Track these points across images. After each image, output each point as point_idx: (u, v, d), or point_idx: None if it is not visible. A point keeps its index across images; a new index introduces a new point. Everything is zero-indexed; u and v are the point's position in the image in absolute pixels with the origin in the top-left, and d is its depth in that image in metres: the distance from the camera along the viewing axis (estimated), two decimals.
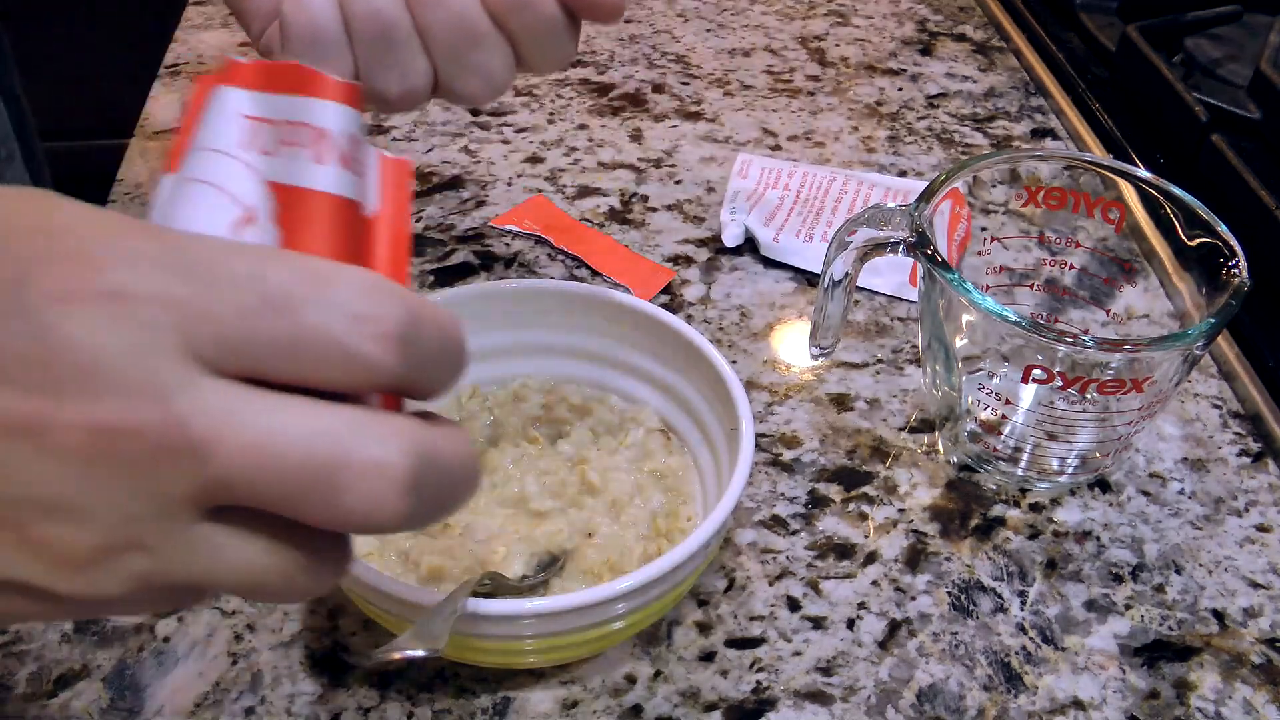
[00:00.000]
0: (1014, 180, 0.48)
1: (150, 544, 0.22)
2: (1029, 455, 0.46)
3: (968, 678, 0.40)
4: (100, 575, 0.22)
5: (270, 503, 0.22)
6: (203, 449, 0.21)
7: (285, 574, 0.23)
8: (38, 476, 0.21)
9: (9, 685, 0.38)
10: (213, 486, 0.22)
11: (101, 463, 0.21)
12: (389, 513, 0.23)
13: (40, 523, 0.21)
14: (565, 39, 0.38)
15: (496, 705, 0.39)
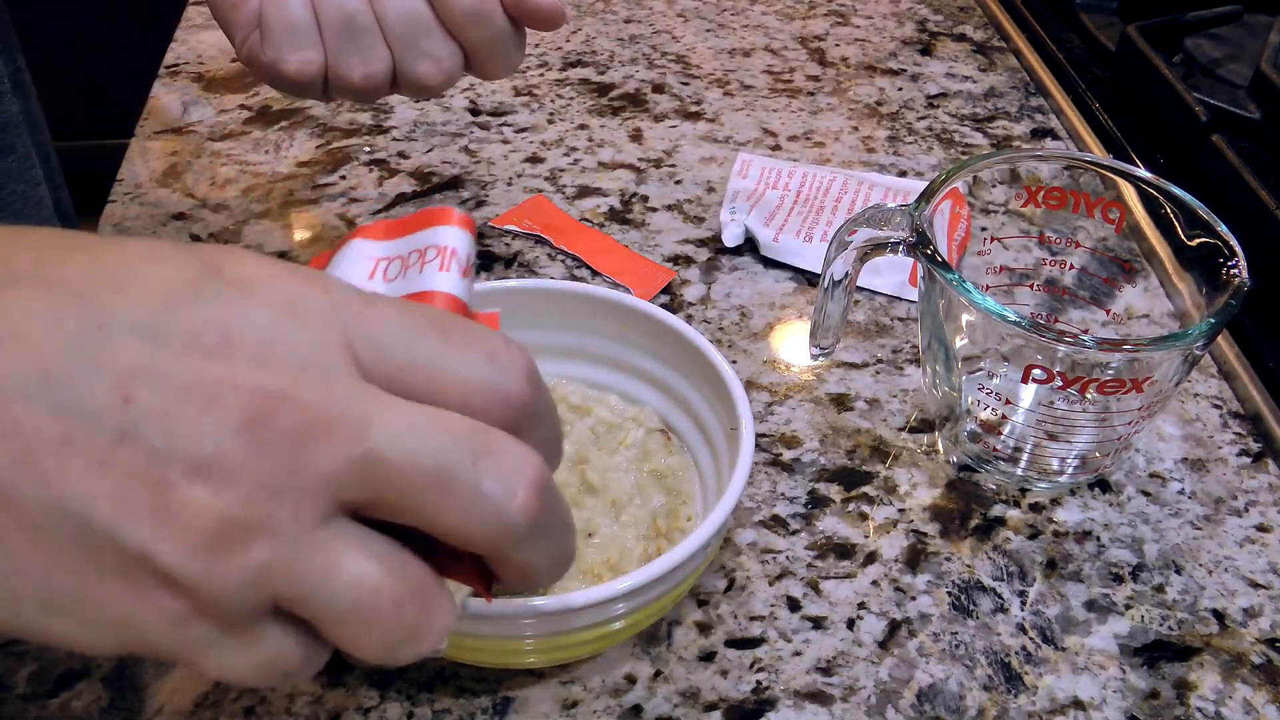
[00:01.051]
0: (1014, 180, 0.48)
1: (280, 529, 0.22)
2: (1029, 455, 0.46)
3: (968, 678, 0.40)
4: (223, 558, 0.22)
5: (413, 488, 0.23)
6: (359, 426, 0.22)
7: (396, 600, 0.23)
8: (195, 433, 0.22)
9: (9, 685, 0.38)
10: (360, 468, 0.22)
11: (259, 428, 0.22)
12: (521, 507, 0.24)
13: (182, 482, 0.22)
14: (514, 48, 0.44)
15: (496, 705, 0.39)
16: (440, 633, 0.25)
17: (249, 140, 0.67)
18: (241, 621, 0.23)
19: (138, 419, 0.22)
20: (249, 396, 0.22)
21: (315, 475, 0.22)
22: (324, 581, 0.23)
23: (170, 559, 0.22)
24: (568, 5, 0.44)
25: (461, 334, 0.25)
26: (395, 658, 0.24)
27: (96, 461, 0.22)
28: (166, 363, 0.22)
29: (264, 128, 0.68)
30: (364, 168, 0.65)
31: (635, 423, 0.45)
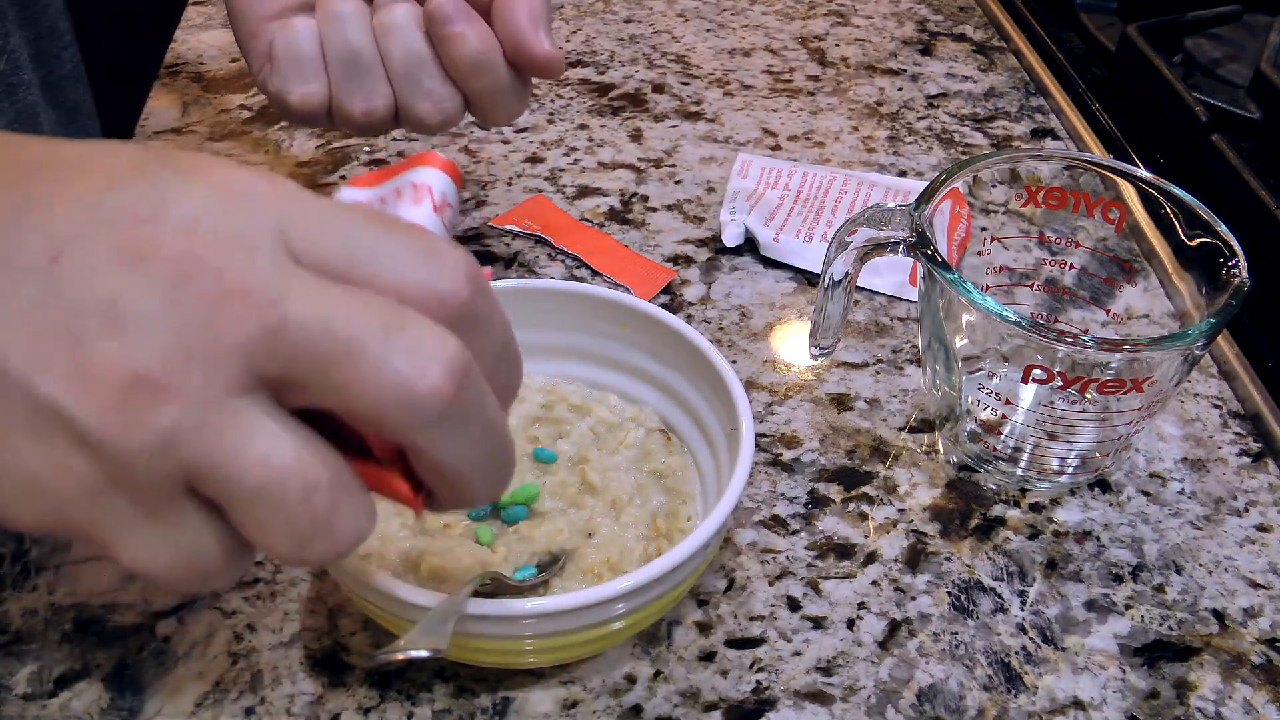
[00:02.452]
0: (1014, 180, 0.48)
1: (191, 392, 0.22)
2: (1029, 455, 0.46)
3: (968, 678, 0.40)
4: (131, 414, 0.22)
5: (323, 359, 0.22)
6: (276, 296, 0.22)
7: (307, 484, 0.23)
8: (114, 290, 0.22)
9: (9, 685, 0.38)
10: (272, 336, 0.22)
11: (178, 290, 0.22)
12: (432, 386, 0.23)
13: (99, 337, 0.22)
14: (515, 98, 0.45)
15: (496, 705, 0.39)
16: (353, 533, 0.24)
17: (249, 140, 0.67)
18: (154, 496, 0.23)
19: (62, 275, 0.22)
20: (171, 261, 0.22)
21: (230, 341, 0.22)
22: (233, 454, 0.22)
23: (79, 412, 0.22)
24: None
25: (402, 233, 0.25)
26: (305, 552, 0.24)
27: (18, 314, 0.22)
28: (98, 230, 0.23)
29: (264, 128, 0.68)
30: (364, 168, 0.65)
31: (635, 423, 0.45)
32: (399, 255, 0.24)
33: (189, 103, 0.70)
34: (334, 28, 0.44)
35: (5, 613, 0.41)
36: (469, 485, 0.26)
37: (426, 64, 0.44)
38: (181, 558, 0.24)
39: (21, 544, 0.43)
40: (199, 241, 0.23)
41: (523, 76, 0.45)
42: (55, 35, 0.62)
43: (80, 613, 0.41)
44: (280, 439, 0.23)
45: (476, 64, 0.43)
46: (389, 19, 0.44)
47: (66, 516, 0.23)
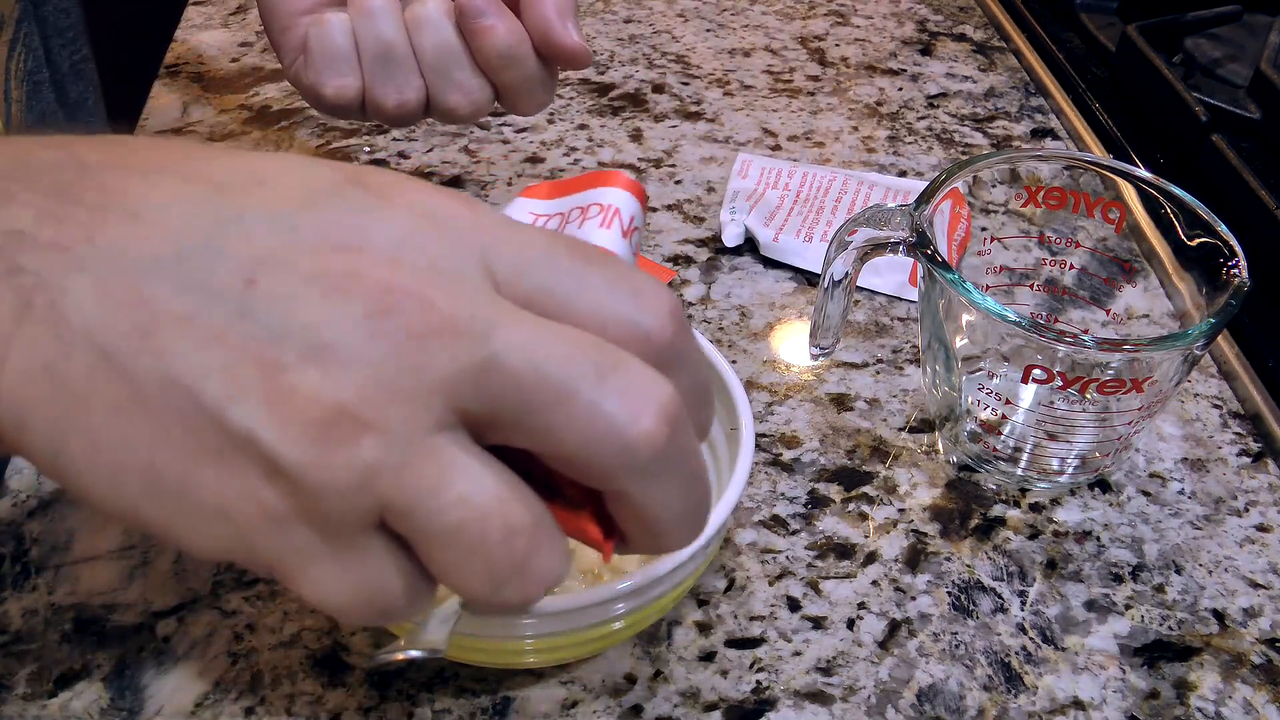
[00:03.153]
0: (1014, 180, 0.48)
1: (393, 428, 0.21)
2: (1029, 455, 0.46)
3: (968, 678, 0.40)
4: (331, 449, 0.21)
5: (533, 400, 0.22)
6: (483, 331, 0.22)
7: (507, 527, 0.22)
8: (315, 318, 0.21)
9: (9, 685, 0.38)
10: (479, 374, 0.21)
11: (381, 321, 0.21)
12: (647, 430, 0.22)
13: (297, 365, 0.21)
14: (543, 88, 0.46)
15: (496, 705, 0.39)
16: (549, 578, 0.23)
17: (249, 140, 0.67)
18: (344, 530, 0.22)
19: (259, 300, 0.21)
20: (374, 289, 0.21)
21: (434, 376, 0.21)
22: (433, 493, 0.22)
23: (276, 443, 0.21)
24: None
25: (605, 266, 0.24)
26: (498, 595, 0.23)
27: (213, 338, 0.21)
28: (296, 253, 0.22)
29: (264, 128, 0.68)
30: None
31: None
32: (604, 290, 0.23)
33: (189, 103, 0.70)
34: (367, 21, 0.44)
35: (5, 613, 0.41)
36: (669, 531, 0.25)
37: (457, 56, 0.44)
38: (363, 592, 0.23)
39: (21, 544, 0.43)
40: (402, 271, 0.22)
41: (550, 68, 0.46)
42: (58, 32, 0.62)
43: (80, 613, 0.41)
44: (482, 479, 0.22)
45: (507, 56, 0.44)
46: (420, 12, 0.44)
47: (250, 547, 0.22)
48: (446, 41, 0.44)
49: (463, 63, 0.45)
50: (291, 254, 0.22)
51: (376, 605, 0.23)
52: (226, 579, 0.42)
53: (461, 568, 0.22)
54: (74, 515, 0.44)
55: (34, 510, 0.44)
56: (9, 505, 0.44)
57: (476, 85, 0.45)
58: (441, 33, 0.44)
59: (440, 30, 0.44)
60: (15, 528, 0.44)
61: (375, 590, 0.23)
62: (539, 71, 0.45)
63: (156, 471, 0.22)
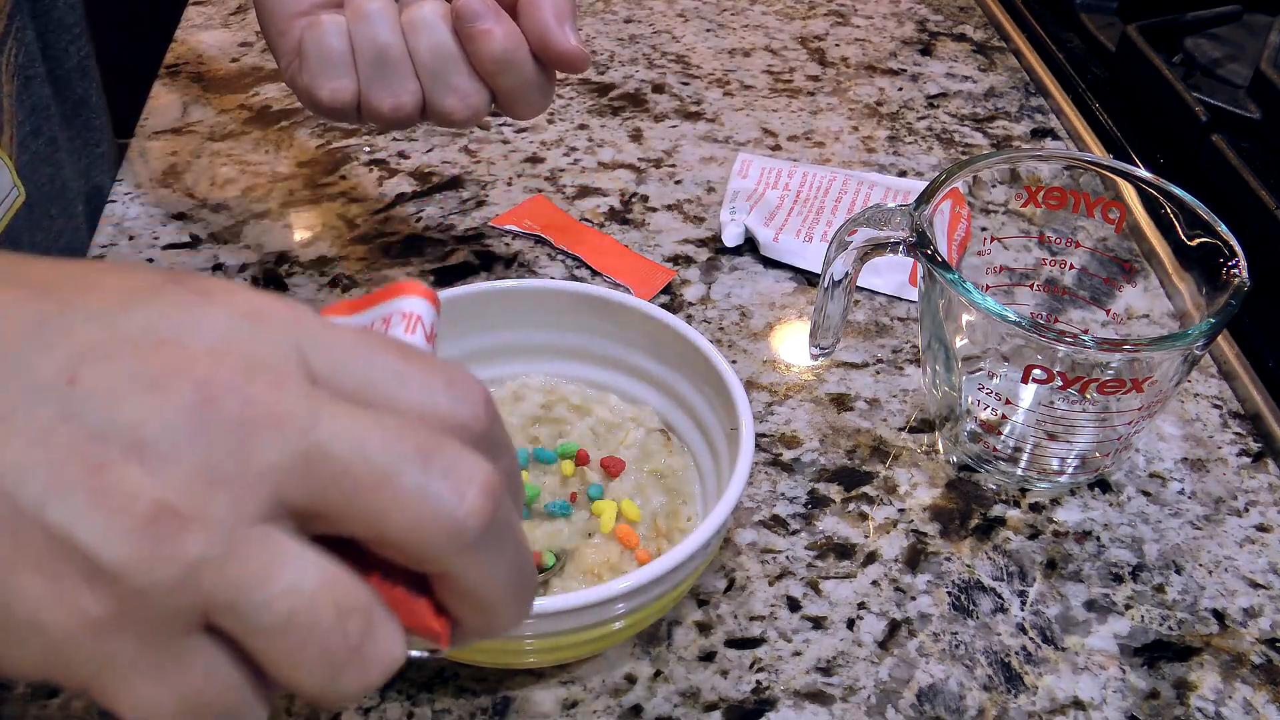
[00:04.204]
0: (1014, 180, 0.48)
1: (217, 521, 0.21)
2: (1029, 455, 0.46)
3: (968, 678, 0.40)
4: (153, 545, 0.20)
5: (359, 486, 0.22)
6: (306, 421, 0.22)
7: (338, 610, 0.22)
8: (137, 415, 0.21)
9: (9, 685, 0.38)
10: (304, 462, 0.21)
11: (204, 415, 0.21)
12: (472, 507, 0.22)
13: (120, 462, 0.21)
14: (541, 93, 0.46)
15: (496, 705, 0.39)
16: (387, 663, 0.23)
17: (249, 140, 0.67)
18: (167, 634, 0.21)
19: (82, 398, 0.21)
20: (195, 384, 0.21)
21: (257, 467, 0.21)
22: (259, 584, 0.21)
23: (96, 541, 0.20)
24: None
25: (419, 360, 0.24)
26: (337, 684, 0.22)
27: (34, 438, 0.21)
28: (117, 349, 0.22)
29: (264, 128, 0.68)
30: (364, 168, 0.65)
31: (635, 423, 0.45)
32: (419, 381, 0.24)
33: (189, 103, 0.70)
34: (363, 25, 0.44)
35: None
36: (501, 608, 0.25)
37: (454, 60, 0.44)
38: (189, 698, 0.22)
39: None
40: (223, 365, 0.22)
41: (548, 71, 0.46)
42: (64, 28, 0.62)
43: None
44: (309, 565, 0.22)
45: (504, 61, 0.44)
46: (417, 16, 0.44)
47: (65, 661, 0.21)
48: (443, 45, 0.44)
49: (459, 67, 0.44)
50: (112, 350, 0.22)
51: (205, 715, 0.22)
52: None
53: (296, 659, 0.22)
54: None
55: None
56: None
57: (473, 90, 0.45)
58: (438, 36, 0.44)
59: (436, 34, 0.44)
60: None
61: (201, 696, 0.22)
62: (536, 76, 0.45)
63: None
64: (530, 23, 0.44)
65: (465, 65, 0.44)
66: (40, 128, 0.58)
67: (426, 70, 0.44)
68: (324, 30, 0.44)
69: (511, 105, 0.46)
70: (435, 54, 0.44)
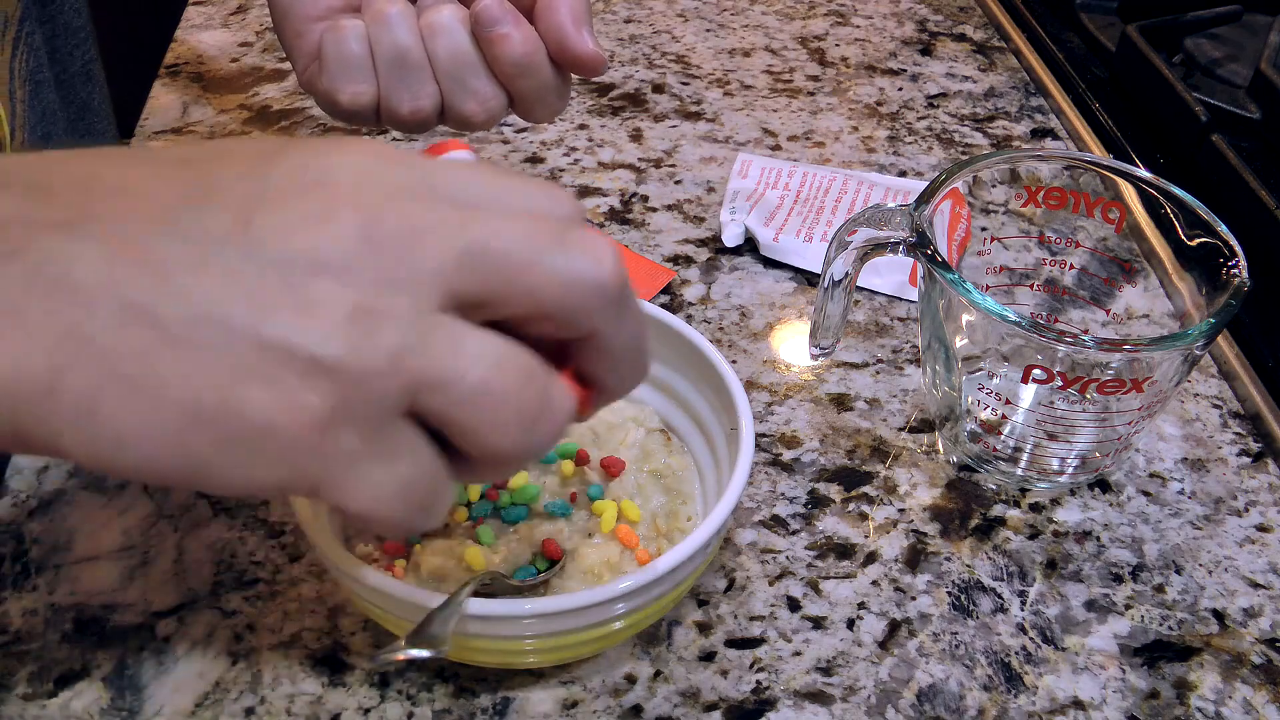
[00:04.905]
0: (1014, 180, 0.48)
1: (405, 315, 0.24)
2: (1029, 455, 0.46)
3: (968, 678, 0.40)
4: (359, 338, 0.23)
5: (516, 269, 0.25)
6: (459, 225, 0.25)
7: (522, 372, 0.25)
8: (312, 241, 0.24)
9: (9, 685, 0.38)
10: (465, 257, 0.25)
11: (370, 232, 0.24)
12: (613, 270, 0.26)
13: (308, 279, 0.24)
14: (558, 96, 0.46)
15: (496, 705, 0.39)
16: (567, 409, 0.27)
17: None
18: (382, 420, 0.24)
19: (258, 239, 0.24)
20: (356, 210, 0.24)
21: (427, 267, 0.24)
22: (453, 357, 0.24)
23: (311, 341, 0.23)
24: None
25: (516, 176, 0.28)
26: (531, 436, 0.26)
27: (227, 274, 0.23)
28: (275, 196, 0.25)
29: (264, 127, 0.68)
30: None
31: (635, 423, 0.45)
32: (525, 190, 0.27)
33: (189, 103, 0.70)
34: (382, 28, 0.44)
35: (5, 613, 0.41)
36: (635, 361, 0.29)
37: (473, 64, 0.45)
38: (402, 490, 0.25)
39: (21, 544, 0.43)
40: (372, 192, 0.25)
41: (564, 75, 0.46)
42: (70, 33, 0.62)
43: (80, 613, 0.41)
44: (488, 340, 0.25)
45: (522, 65, 0.44)
46: (436, 20, 0.44)
47: (296, 462, 0.24)
48: (462, 49, 0.44)
49: (478, 70, 0.45)
50: (270, 197, 0.24)
51: (415, 502, 0.25)
52: (226, 579, 0.42)
53: (496, 419, 0.25)
54: (74, 515, 0.44)
55: (34, 510, 0.44)
56: (9, 505, 0.44)
57: (491, 93, 0.45)
58: (457, 40, 0.44)
59: (455, 38, 0.44)
60: (15, 528, 0.44)
61: (411, 484, 0.25)
62: (553, 79, 0.45)
63: (196, 401, 0.23)
64: (547, 26, 0.44)
65: (484, 69, 0.45)
66: (50, 133, 0.58)
67: (445, 74, 0.45)
68: (344, 34, 0.45)
69: (529, 108, 0.46)
70: (454, 58, 0.44)
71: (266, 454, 0.24)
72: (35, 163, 0.26)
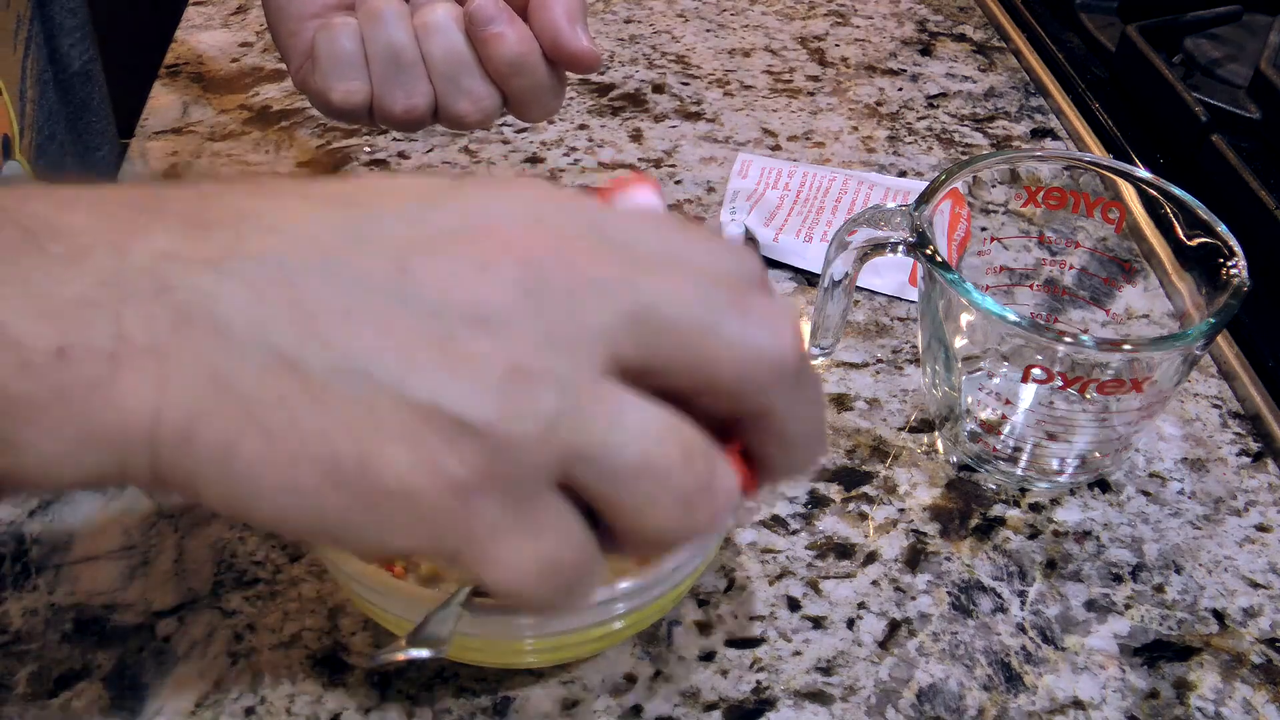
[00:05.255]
0: (1014, 180, 0.48)
1: (564, 379, 0.22)
2: (1029, 455, 0.46)
3: (968, 677, 0.40)
4: (514, 402, 0.22)
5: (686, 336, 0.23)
6: (630, 282, 0.23)
7: (685, 450, 0.23)
8: (472, 292, 0.23)
9: (9, 685, 0.38)
10: (633, 320, 0.23)
11: (535, 284, 0.23)
12: (790, 345, 0.24)
13: (465, 334, 0.22)
14: (552, 95, 0.46)
15: (496, 705, 0.39)
16: (730, 497, 0.25)
17: (249, 140, 0.67)
18: (530, 490, 0.23)
19: (414, 285, 0.22)
20: (521, 260, 0.23)
21: (591, 327, 0.23)
22: (611, 430, 0.23)
23: (462, 404, 0.22)
24: None
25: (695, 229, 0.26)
26: (689, 520, 0.24)
27: (378, 324, 0.22)
28: (436, 240, 0.23)
29: (264, 128, 0.68)
30: (364, 168, 0.65)
31: None
32: (705, 246, 0.26)
33: (189, 103, 0.70)
34: (376, 27, 0.44)
35: (5, 613, 0.41)
36: (804, 445, 0.27)
37: (467, 63, 0.44)
38: (547, 567, 0.23)
39: (21, 544, 0.43)
40: (542, 242, 0.23)
41: (559, 73, 0.46)
42: (67, 32, 0.62)
43: (80, 613, 0.41)
44: (650, 410, 0.23)
45: (516, 64, 0.44)
46: (430, 18, 0.44)
47: (434, 528, 0.23)
48: (456, 48, 0.44)
49: (472, 70, 0.44)
50: (432, 241, 0.23)
51: (559, 578, 0.24)
52: (226, 579, 0.42)
53: (654, 499, 0.23)
54: (74, 515, 0.44)
55: (34, 510, 0.44)
56: (9, 505, 0.44)
57: (485, 92, 0.45)
58: (451, 39, 0.44)
59: (449, 36, 0.44)
60: (15, 528, 0.44)
61: (556, 560, 0.23)
62: (548, 79, 0.45)
63: (335, 457, 0.22)
64: (541, 24, 0.44)
65: (478, 68, 0.44)
66: (54, 132, 0.58)
67: (439, 73, 0.44)
68: (337, 32, 0.44)
69: (523, 108, 0.46)
70: (448, 57, 0.44)
71: (404, 518, 0.22)
72: (193, 195, 0.25)
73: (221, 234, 0.23)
